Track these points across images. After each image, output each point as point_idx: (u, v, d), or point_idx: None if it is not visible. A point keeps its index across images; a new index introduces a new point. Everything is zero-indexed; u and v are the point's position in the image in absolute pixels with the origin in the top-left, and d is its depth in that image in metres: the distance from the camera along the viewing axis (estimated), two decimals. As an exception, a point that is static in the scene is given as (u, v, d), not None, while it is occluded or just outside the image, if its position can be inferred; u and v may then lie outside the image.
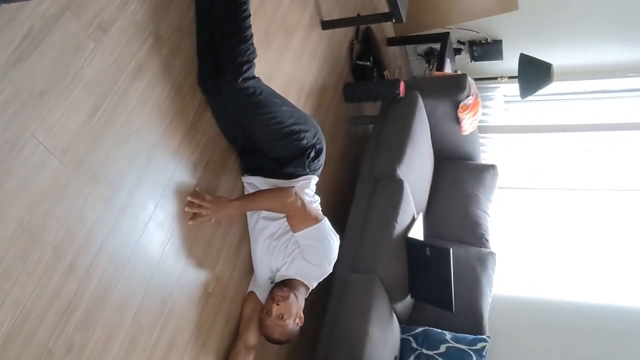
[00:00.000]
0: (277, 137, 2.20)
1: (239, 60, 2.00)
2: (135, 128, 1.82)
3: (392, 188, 2.98)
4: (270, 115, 2.12)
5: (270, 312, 2.11)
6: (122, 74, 1.77)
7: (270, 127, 2.15)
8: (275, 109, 2.14)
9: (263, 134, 2.20)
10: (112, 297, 1.70)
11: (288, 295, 2.14)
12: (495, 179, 3.87)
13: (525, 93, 3.94)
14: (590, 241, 3.99)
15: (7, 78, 1.42)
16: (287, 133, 2.20)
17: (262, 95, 2.09)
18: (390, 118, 3.24)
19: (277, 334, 2.15)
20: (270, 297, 2.16)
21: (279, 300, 2.12)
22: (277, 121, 2.15)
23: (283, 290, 2.16)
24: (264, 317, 2.15)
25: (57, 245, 1.52)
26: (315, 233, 2.20)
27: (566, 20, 3.99)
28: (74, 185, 1.59)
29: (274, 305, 2.11)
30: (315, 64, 3.08)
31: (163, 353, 1.91)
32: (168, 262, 1.95)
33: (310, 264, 2.23)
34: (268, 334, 2.16)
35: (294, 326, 2.17)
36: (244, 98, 2.05)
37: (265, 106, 2.11)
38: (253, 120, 2.14)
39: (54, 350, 1.51)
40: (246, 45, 2.01)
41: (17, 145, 1.44)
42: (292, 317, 2.14)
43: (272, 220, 2.27)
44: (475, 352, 2.82)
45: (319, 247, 2.23)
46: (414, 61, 4.72)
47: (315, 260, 2.24)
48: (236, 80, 2.00)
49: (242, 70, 2.01)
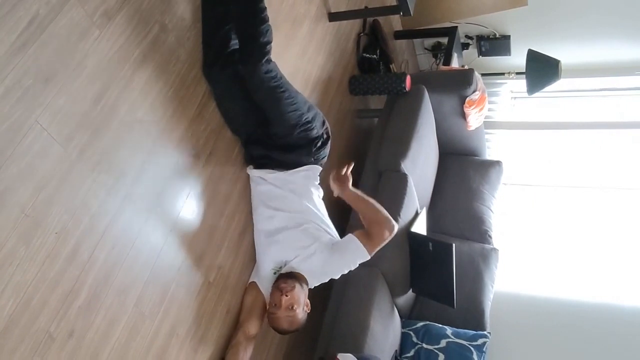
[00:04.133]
0: (293, 124, 2.20)
1: (263, 40, 2.00)
2: (139, 117, 1.82)
3: (396, 182, 2.98)
4: (291, 100, 2.14)
5: (280, 303, 2.10)
6: (127, 63, 1.77)
7: (290, 113, 2.16)
8: (294, 95, 2.16)
9: (282, 118, 2.18)
10: (114, 284, 1.71)
11: (295, 286, 2.13)
12: (500, 175, 3.85)
13: (533, 89, 3.92)
14: (594, 240, 3.97)
15: (12, 63, 1.42)
16: (302, 121, 2.21)
17: (282, 79, 2.11)
18: (396, 112, 3.23)
19: (287, 325, 2.14)
20: (277, 289, 2.14)
21: (287, 291, 2.10)
22: (297, 107, 2.16)
23: (288, 281, 2.15)
24: (273, 309, 2.13)
25: (59, 231, 1.53)
26: (359, 256, 2.23)
27: (575, 16, 3.96)
28: (78, 172, 1.59)
29: (283, 296, 2.10)
30: (322, 56, 3.07)
31: (164, 340, 1.92)
32: (170, 250, 1.96)
33: (321, 271, 2.26)
34: (278, 325, 2.15)
35: (303, 315, 2.17)
36: (268, 80, 2.06)
37: (287, 90, 2.12)
38: (276, 103, 2.14)
39: (55, 336, 1.52)
40: (266, 25, 2.01)
41: (20, 131, 1.44)
42: (301, 305, 2.15)
43: (279, 211, 2.27)
44: (475, 348, 2.82)
45: (344, 268, 2.27)
46: (421, 55, 4.69)
47: (330, 272, 2.29)
48: (261, 60, 2.00)
49: (266, 50, 2.01)
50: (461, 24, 4.21)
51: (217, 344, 2.20)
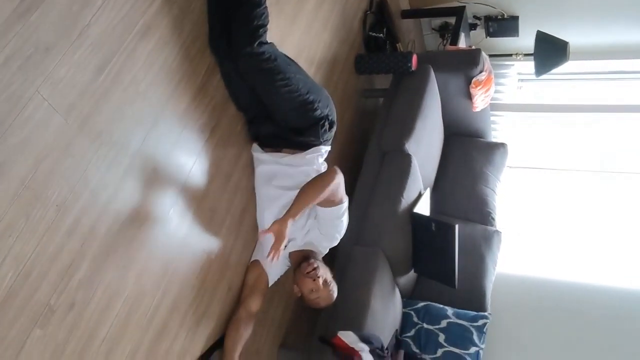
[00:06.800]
0: (292, 107, 2.17)
1: (255, 24, 1.96)
2: (142, 89, 1.79)
3: (400, 162, 2.95)
4: (285, 82, 2.09)
5: (317, 287, 2.16)
6: (130, 33, 1.73)
7: (285, 95, 2.12)
8: (290, 76, 2.11)
9: (278, 101, 2.16)
10: (115, 258, 1.70)
11: (316, 265, 2.19)
12: (505, 157, 3.82)
13: (540, 71, 3.87)
14: (597, 223, 3.96)
15: (13, 31, 1.39)
16: (302, 102, 2.17)
17: (277, 61, 2.06)
18: (401, 92, 3.19)
19: (331, 298, 2.23)
20: (307, 278, 2.17)
21: (317, 275, 2.15)
22: (292, 89, 2.12)
23: (308, 266, 2.19)
24: (315, 295, 2.18)
25: (60, 203, 1.51)
26: (337, 211, 2.22)
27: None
28: (79, 144, 1.57)
29: (315, 281, 2.15)
30: (327, 34, 3.02)
31: (165, 316, 1.92)
32: (172, 226, 1.95)
33: (323, 235, 2.29)
34: (326, 304, 2.24)
35: (335, 285, 2.24)
36: (260, 63, 2.02)
37: (280, 72, 2.07)
38: (269, 87, 2.11)
39: (55, 308, 1.51)
40: (261, 9, 1.98)
41: (21, 100, 1.41)
42: (330, 275, 2.23)
43: (286, 190, 2.24)
44: (476, 329, 2.82)
45: (337, 224, 2.27)
46: (428, 35, 4.62)
47: (330, 233, 2.29)
48: (252, 44, 1.96)
49: (258, 34, 1.97)
50: (469, 4, 4.13)
51: (219, 320, 2.20)
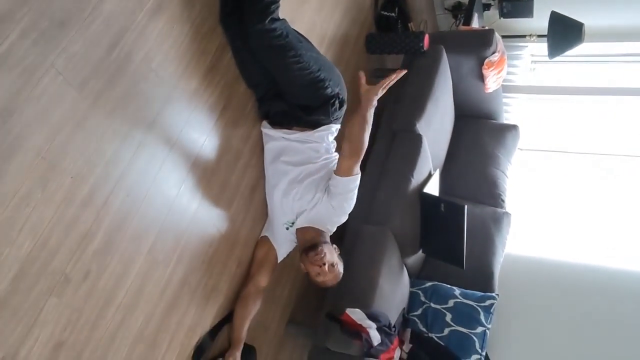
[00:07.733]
0: (303, 84, 2.17)
1: (267, 0, 1.96)
2: (154, 66, 1.81)
3: (410, 142, 2.96)
4: (296, 59, 2.08)
5: (324, 271, 2.15)
6: (142, 10, 1.75)
7: (296, 72, 2.12)
8: (301, 53, 2.10)
9: (289, 79, 2.16)
10: (129, 230, 1.74)
11: (322, 251, 2.16)
12: (517, 140, 3.81)
13: (554, 53, 3.81)
14: (608, 207, 3.94)
15: (28, 5, 1.42)
16: (313, 80, 2.16)
17: (288, 37, 2.06)
18: (413, 72, 3.18)
19: (337, 279, 2.23)
20: (313, 265, 2.15)
21: (323, 261, 2.14)
22: (303, 66, 2.11)
23: (313, 252, 2.15)
24: (322, 278, 2.18)
25: (75, 175, 1.55)
26: (352, 182, 2.18)
27: (602, -23, 3.82)
28: (93, 118, 1.60)
29: (322, 267, 2.14)
30: (338, 12, 3.02)
31: (176, 289, 1.96)
32: (183, 201, 1.98)
33: (333, 209, 2.23)
34: (331, 285, 2.25)
35: (341, 265, 2.25)
36: (271, 40, 2.02)
37: (292, 49, 2.07)
38: (280, 64, 2.11)
39: (71, 277, 1.56)
40: None
41: (36, 74, 1.45)
42: (336, 257, 2.22)
43: (295, 166, 2.26)
44: (483, 309, 2.85)
45: (350, 197, 2.23)
46: (440, 15, 4.57)
47: (342, 206, 2.24)
48: (264, 20, 1.96)
49: (270, 10, 1.97)
50: (483, -16, 4.09)
51: (227, 295, 2.25)
